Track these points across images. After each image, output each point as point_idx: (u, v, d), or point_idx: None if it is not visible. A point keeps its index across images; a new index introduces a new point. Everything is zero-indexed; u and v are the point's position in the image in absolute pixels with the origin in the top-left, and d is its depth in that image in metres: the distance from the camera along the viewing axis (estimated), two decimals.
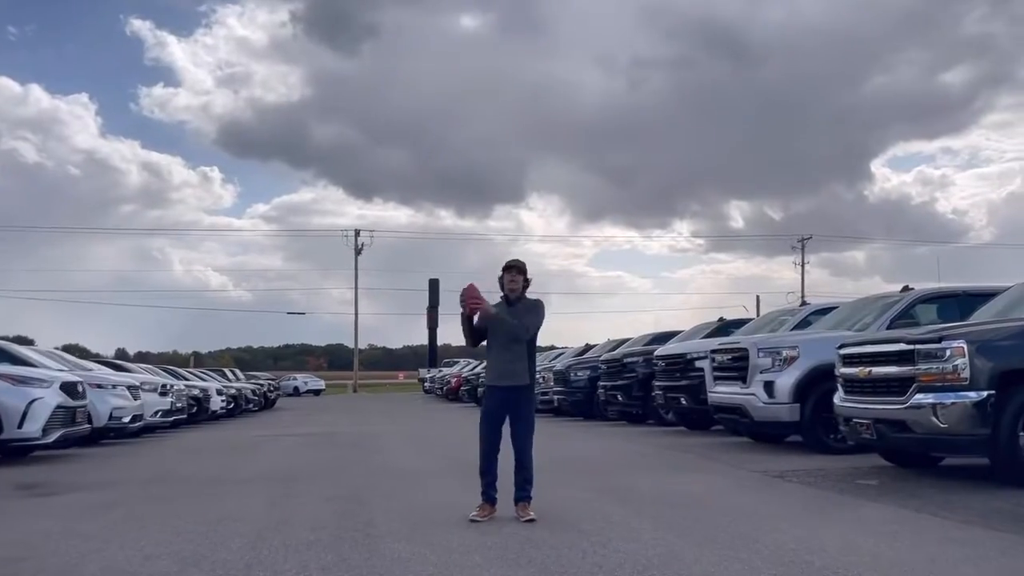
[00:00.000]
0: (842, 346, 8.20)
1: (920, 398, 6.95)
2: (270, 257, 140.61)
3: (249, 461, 10.40)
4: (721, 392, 10.74)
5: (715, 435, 12.56)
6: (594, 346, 24.39)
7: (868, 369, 7.61)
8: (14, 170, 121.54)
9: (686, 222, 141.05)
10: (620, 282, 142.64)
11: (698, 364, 12.65)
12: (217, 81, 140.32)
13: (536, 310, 5.96)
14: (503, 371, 5.83)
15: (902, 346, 7.22)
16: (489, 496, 5.82)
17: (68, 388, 11.22)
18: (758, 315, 62.12)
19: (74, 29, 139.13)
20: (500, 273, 5.97)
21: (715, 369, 11.10)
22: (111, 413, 13.52)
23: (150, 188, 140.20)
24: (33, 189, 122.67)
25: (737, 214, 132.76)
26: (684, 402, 12.95)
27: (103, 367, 18.05)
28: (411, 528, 5.57)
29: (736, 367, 10.39)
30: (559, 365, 19.96)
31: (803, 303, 13.80)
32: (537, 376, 19.62)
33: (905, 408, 7.03)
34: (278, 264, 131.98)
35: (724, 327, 15.39)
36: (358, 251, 64.22)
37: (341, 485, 7.69)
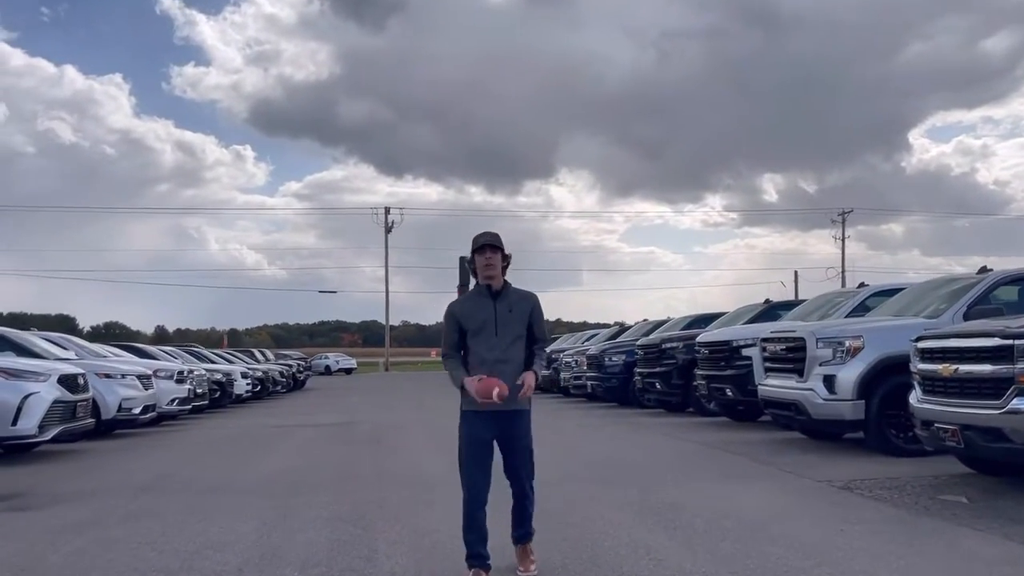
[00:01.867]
0: (920, 338, 7.13)
1: (1020, 403, 5.90)
2: (304, 235, 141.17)
3: (255, 462, 9.59)
4: (773, 385, 9.69)
5: (763, 429, 11.55)
6: (628, 326, 23.40)
7: (954, 367, 6.53)
8: (51, 150, 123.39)
9: (719, 196, 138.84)
10: (652, 258, 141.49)
11: (745, 352, 11.63)
12: (246, 59, 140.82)
13: (538, 310, 4.47)
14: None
15: (997, 341, 6.15)
16: (480, 560, 4.27)
17: (67, 381, 10.48)
18: (796, 292, 60.31)
19: (105, 9, 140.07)
20: (469, 255, 4.39)
21: (766, 359, 10.05)
22: (120, 404, 12.84)
23: (184, 167, 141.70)
24: (70, 169, 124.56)
25: (771, 187, 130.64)
26: (730, 393, 11.94)
27: (122, 352, 17.46)
28: (417, 568, 4.67)
29: (791, 358, 9.33)
30: (593, 349, 18.97)
31: (860, 284, 12.59)
32: (568, 360, 18.77)
33: (1002, 414, 5.99)
34: (311, 242, 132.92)
35: (771, 310, 14.31)
36: (388, 229, 63.65)
37: (346, 499, 6.81)
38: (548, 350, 4.93)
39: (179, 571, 4.72)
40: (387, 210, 64.40)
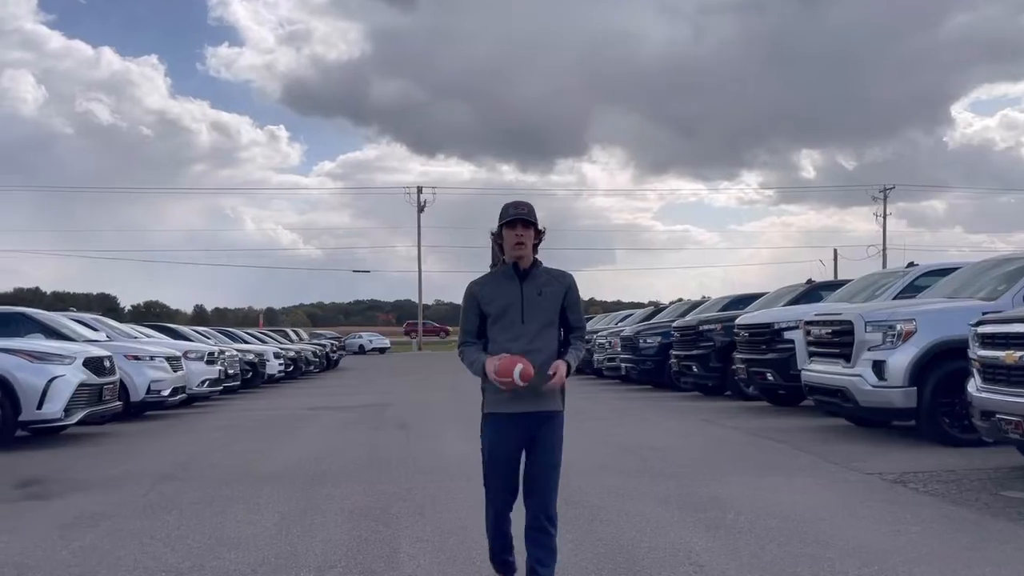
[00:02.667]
0: (979, 323, 6.66)
1: None
2: (338, 214, 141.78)
3: (280, 447, 9.38)
4: (817, 371, 9.24)
5: (805, 414, 11.11)
6: (663, 306, 22.98)
7: (1018, 353, 6.07)
8: (90, 131, 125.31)
9: (754, 173, 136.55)
10: (687, 236, 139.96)
11: (787, 335, 11.17)
12: (279, 39, 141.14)
13: (574, 292, 3.77)
14: (524, 390, 3.54)
15: None
16: (507, 568, 3.88)
17: (93, 364, 10.36)
18: (836, 271, 59.06)
19: None
20: (496, 228, 3.70)
21: (811, 343, 9.60)
22: (149, 386, 12.76)
23: (220, 147, 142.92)
24: (109, 150, 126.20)
25: (808, 164, 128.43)
26: (771, 378, 11.50)
27: (154, 333, 17.40)
28: (441, 571, 4.37)
29: (837, 342, 8.87)
30: (628, 330, 18.56)
31: (910, 264, 11.99)
32: (602, 341, 18.35)
33: None
34: (346, 221, 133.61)
35: (813, 290, 13.79)
36: (421, 208, 63.51)
37: (371, 490, 6.54)
38: None
39: (190, 571, 4.47)
40: (419, 189, 64.33)
